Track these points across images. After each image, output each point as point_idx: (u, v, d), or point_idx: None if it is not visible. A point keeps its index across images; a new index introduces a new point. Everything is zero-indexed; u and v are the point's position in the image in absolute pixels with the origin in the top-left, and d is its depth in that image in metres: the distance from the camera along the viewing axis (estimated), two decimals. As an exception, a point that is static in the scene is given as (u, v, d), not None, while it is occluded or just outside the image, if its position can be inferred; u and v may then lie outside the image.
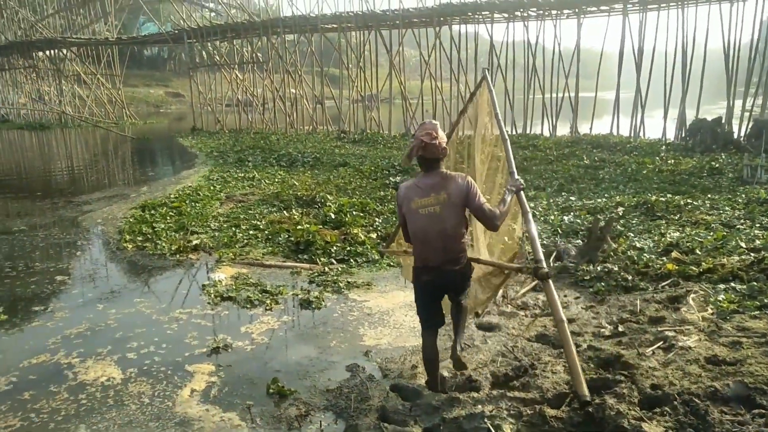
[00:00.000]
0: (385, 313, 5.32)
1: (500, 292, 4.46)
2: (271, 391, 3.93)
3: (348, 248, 7.14)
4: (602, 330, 4.35)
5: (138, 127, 32.64)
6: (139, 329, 5.03)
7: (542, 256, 3.37)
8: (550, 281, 3.30)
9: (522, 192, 3.64)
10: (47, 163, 18.64)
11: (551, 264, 6.31)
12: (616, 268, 5.61)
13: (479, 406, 3.31)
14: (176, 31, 29.10)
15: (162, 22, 38.18)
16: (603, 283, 5.41)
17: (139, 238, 7.99)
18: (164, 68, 76.37)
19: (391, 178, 11.62)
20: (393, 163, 13.76)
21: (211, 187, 11.75)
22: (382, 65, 25.95)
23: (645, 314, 4.55)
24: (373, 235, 7.68)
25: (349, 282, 6.07)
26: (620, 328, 4.28)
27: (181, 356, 4.51)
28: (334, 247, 7.16)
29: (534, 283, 5.70)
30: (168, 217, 9.10)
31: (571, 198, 9.90)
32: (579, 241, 7.07)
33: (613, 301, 5.04)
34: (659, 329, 4.13)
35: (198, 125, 28.05)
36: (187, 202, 10.22)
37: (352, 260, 6.82)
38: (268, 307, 5.45)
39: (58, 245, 7.93)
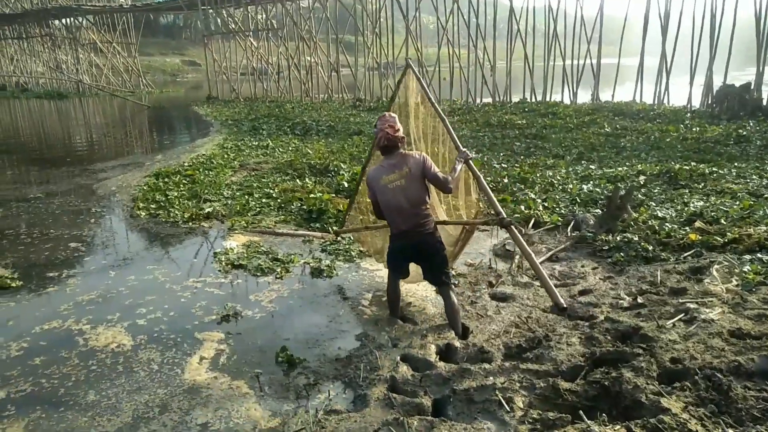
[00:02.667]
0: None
1: (465, 246, 4.91)
2: (280, 359, 3.88)
3: (361, 217, 7.02)
4: (620, 301, 4.22)
5: (154, 96, 32.67)
6: (149, 296, 5.01)
7: (500, 209, 4.19)
8: (512, 227, 4.12)
9: (470, 161, 4.38)
10: (65, 132, 18.73)
11: (569, 233, 6.16)
12: (636, 238, 5.44)
13: (491, 378, 3.23)
14: (190, -2, 28.75)
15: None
16: (622, 254, 5.25)
17: (153, 206, 7.97)
18: (180, 36, 76.06)
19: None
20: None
21: (225, 156, 11.68)
22: (398, 32, 25.42)
23: (666, 285, 4.40)
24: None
25: (361, 251, 5.99)
26: (639, 300, 4.14)
27: (191, 324, 4.48)
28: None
29: (549, 254, 5.57)
30: (181, 185, 9.07)
31: (590, 167, 9.65)
32: (598, 210, 6.88)
33: (633, 272, 4.89)
34: (680, 301, 3.99)
35: (213, 94, 27.94)
36: (200, 170, 10.18)
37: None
38: (278, 275, 5.40)
39: (73, 212, 7.95)
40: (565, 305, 3.66)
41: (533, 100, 20.16)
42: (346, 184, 8.43)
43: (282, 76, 27.56)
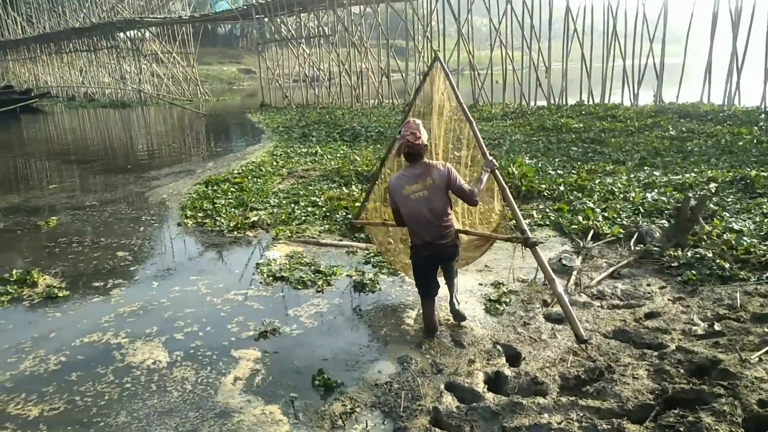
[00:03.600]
0: (442, 299, 4.91)
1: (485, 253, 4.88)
2: (316, 382, 3.65)
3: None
4: (694, 328, 3.76)
5: (211, 104, 33.52)
6: (189, 309, 4.91)
7: (525, 226, 4.05)
8: (537, 248, 3.92)
9: (496, 170, 4.27)
10: (124, 140, 19.40)
11: (631, 247, 5.68)
12: (709, 254, 4.91)
13: (545, 415, 2.88)
14: (245, 7, 29.36)
15: (233, -1, 38.70)
16: (694, 271, 4.74)
17: (200, 214, 7.98)
18: (237, 45, 78.11)
19: (455, 153, 11.04)
20: (459, 136, 13.13)
21: (274, 163, 11.68)
22: (450, 35, 25.04)
23: (747, 310, 3.91)
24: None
25: (406, 263, 5.70)
26: (717, 327, 3.67)
27: (228, 340, 4.33)
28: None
29: (611, 270, 5.12)
30: (229, 193, 9.07)
31: (654, 173, 9.02)
32: (664, 221, 6.35)
33: (707, 293, 4.39)
34: (767, 330, 3.49)
35: (267, 101, 28.38)
36: (249, 177, 10.18)
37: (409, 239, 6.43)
38: (319, 289, 5.20)
39: (124, 220, 8.05)
40: (585, 337, 3.45)
41: (590, 102, 19.33)
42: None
43: (333, 82, 27.68)
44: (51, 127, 25.96)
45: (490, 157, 4.32)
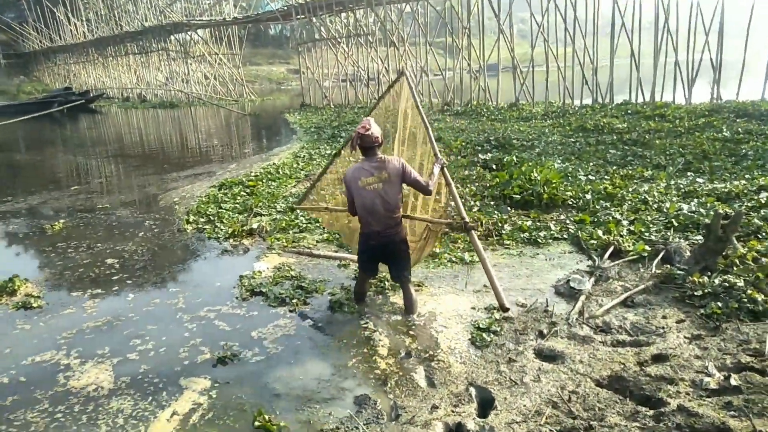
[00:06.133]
0: (427, 325, 4.38)
1: (430, 248, 5.32)
2: (257, 423, 3.22)
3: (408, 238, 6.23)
4: (706, 380, 3.08)
5: (256, 104, 33.81)
6: (153, 326, 4.59)
7: (465, 214, 4.57)
8: (473, 233, 4.49)
9: (445, 168, 4.77)
10: (161, 141, 19.65)
11: (653, 269, 4.96)
12: (740, 283, 4.16)
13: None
14: (285, 8, 29.39)
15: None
16: (719, 303, 4.01)
17: (202, 220, 7.72)
18: (287, 46, 79.07)
19: (480, 155, 10.42)
20: (489, 137, 12.48)
21: (294, 165, 11.38)
22: (493, 32, 24.16)
23: (777, 358, 3.20)
24: (461, 231, 6.69)
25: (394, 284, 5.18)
26: (734, 380, 2.99)
27: (182, 365, 3.97)
28: (416, 234, 6.28)
29: (623, 297, 4.44)
30: (238, 197, 8.79)
31: (698, 180, 8.12)
32: (699, 237, 5.57)
33: (732, 332, 3.67)
34: (797, 389, 2.81)
35: (307, 101, 28.31)
36: (263, 181, 9.89)
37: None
38: (292, 308, 4.76)
39: (127, 225, 7.88)
40: (508, 306, 3.98)
41: (639, 100, 18.10)
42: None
43: (373, 81, 27.30)
44: (101, 127, 26.77)
45: (440, 156, 4.82)
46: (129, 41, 42.29)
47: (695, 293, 4.23)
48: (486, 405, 3.26)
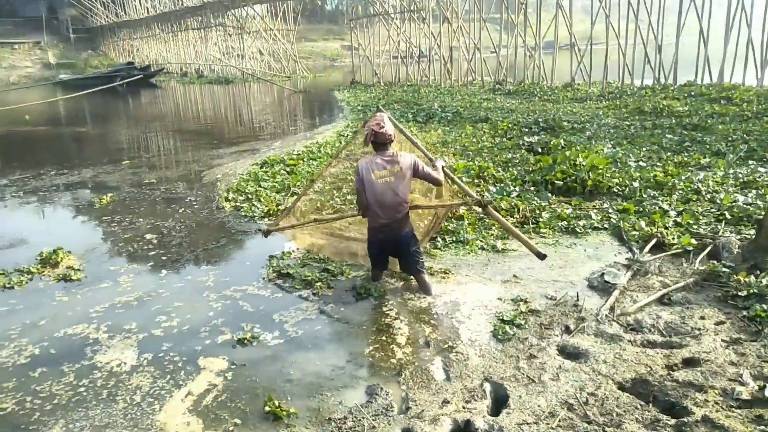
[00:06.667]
0: (450, 314, 4.28)
1: (436, 228, 5.50)
2: (267, 409, 3.23)
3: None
4: (739, 389, 2.85)
5: (308, 81, 33.96)
6: (180, 303, 4.68)
7: (473, 193, 4.97)
8: (490, 207, 4.71)
9: (445, 167, 4.92)
10: (213, 115, 20.06)
11: (696, 264, 4.65)
12: (792, 285, 3.83)
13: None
14: (338, -17, 29.13)
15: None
16: (765, 306, 3.70)
17: (241, 198, 7.82)
18: (342, 22, 78.84)
19: (526, 138, 10.06)
20: (537, 119, 12.03)
21: (337, 144, 11.35)
22: (552, 8, 23.21)
23: (823, 372, 2.92)
24: (478, 209, 6.50)
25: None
26: (769, 393, 2.75)
27: (203, 344, 4.03)
28: (425, 221, 6.16)
29: (659, 294, 4.18)
30: (277, 176, 8.85)
31: (760, 169, 7.56)
32: (753, 232, 5.17)
33: (775, 340, 3.39)
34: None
35: (357, 78, 28.19)
36: (304, 160, 9.92)
37: (438, 238, 5.79)
38: (315, 291, 4.75)
39: (169, 200, 8.09)
40: (544, 253, 4.05)
41: (706, 81, 17.00)
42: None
43: (425, 59, 26.84)
44: (159, 102, 27.60)
45: (435, 158, 5.13)
46: (189, 16, 43.19)
47: (739, 293, 3.92)
48: (500, 402, 3.15)
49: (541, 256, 3.97)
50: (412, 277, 4.75)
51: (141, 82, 34.24)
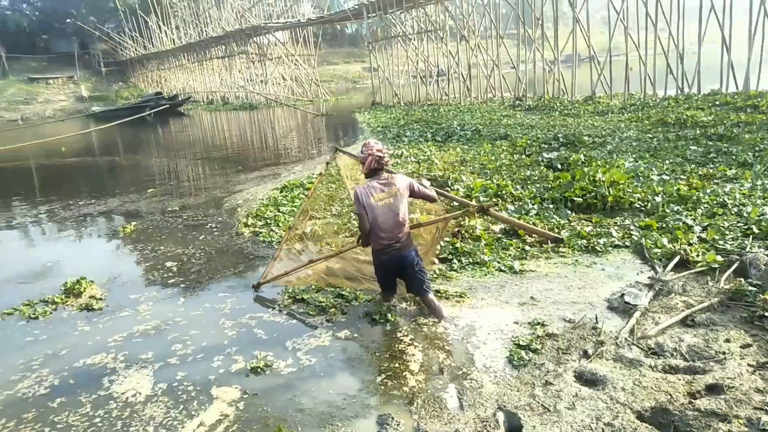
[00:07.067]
0: (465, 339, 4.20)
1: (439, 244, 5.67)
2: (276, 440, 3.20)
3: (456, 244, 6.04)
4: (764, 418, 2.71)
5: (330, 104, 34.41)
6: (195, 331, 4.71)
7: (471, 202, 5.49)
8: (492, 209, 5.15)
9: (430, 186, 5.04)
10: (236, 142, 20.42)
11: (721, 283, 4.49)
12: (821, 304, 3.66)
13: None
14: (356, 7, 29.62)
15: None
16: (794, 327, 3.55)
17: (260, 223, 7.90)
18: (362, 44, 79.92)
19: (545, 154, 9.95)
20: (557, 134, 11.90)
21: (356, 167, 11.37)
22: (566, 22, 23.13)
23: None
24: (496, 228, 6.43)
25: (438, 290, 5.01)
26: (797, 422, 2.61)
27: (217, 373, 4.04)
28: (441, 242, 6.11)
29: (682, 315, 4.04)
30: (297, 200, 8.92)
31: (789, 180, 7.31)
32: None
33: (804, 363, 3.23)
34: None
35: (378, 99, 28.43)
36: (323, 183, 9.97)
37: (455, 260, 5.73)
38: (329, 318, 4.73)
39: (190, 228, 8.21)
40: (562, 237, 4.42)
41: (731, 89, 16.65)
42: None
43: (444, 77, 26.95)
44: (186, 130, 28.24)
45: (419, 178, 5.46)
46: (213, 45, 44.38)
47: (766, 314, 3.76)
48: (513, 432, 3.06)
49: (559, 240, 4.26)
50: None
51: (169, 111, 35.15)
